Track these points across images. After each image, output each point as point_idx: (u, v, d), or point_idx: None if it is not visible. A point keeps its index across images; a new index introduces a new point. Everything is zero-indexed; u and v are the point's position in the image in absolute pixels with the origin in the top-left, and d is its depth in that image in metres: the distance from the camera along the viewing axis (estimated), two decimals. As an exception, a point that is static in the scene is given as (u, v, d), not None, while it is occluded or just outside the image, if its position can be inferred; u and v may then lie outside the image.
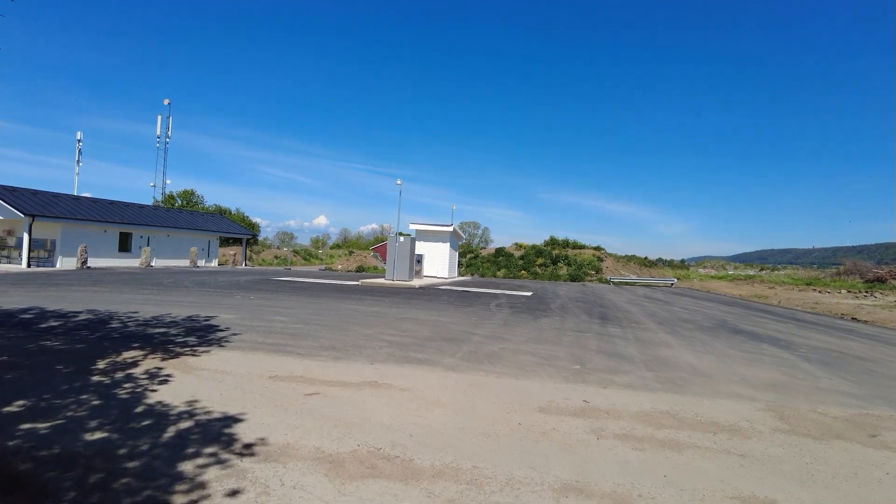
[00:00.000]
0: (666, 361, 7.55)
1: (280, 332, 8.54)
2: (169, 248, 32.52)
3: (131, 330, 8.29)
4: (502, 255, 43.62)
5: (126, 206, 31.70)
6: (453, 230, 28.39)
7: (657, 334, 10.41)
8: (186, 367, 5.98)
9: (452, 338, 8.67)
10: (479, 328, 9.99)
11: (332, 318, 10.54)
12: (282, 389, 5.19)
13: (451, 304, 14.70)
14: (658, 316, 14.13)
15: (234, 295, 14.57)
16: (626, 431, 4.40)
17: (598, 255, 42.65)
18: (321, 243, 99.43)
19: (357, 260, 46.97)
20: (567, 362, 7.11)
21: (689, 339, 9.87)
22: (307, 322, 9.75)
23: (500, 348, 7.91)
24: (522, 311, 13.75)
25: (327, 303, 13.39)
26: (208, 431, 3.98)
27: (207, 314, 10.34)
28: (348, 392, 5.18)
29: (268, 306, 12.07)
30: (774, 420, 4.89)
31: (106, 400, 4.64)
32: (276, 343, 7.55)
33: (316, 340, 7.88)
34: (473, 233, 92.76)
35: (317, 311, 11.45)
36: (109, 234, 28.26)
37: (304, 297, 14.82)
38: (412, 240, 22.24)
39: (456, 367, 6.52)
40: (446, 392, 5.34)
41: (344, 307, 12.55)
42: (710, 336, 10.55)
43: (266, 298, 13.93)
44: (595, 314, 13.74)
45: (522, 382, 5.88)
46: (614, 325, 11.46)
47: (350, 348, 7.39)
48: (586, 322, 11.86)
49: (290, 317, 10.39)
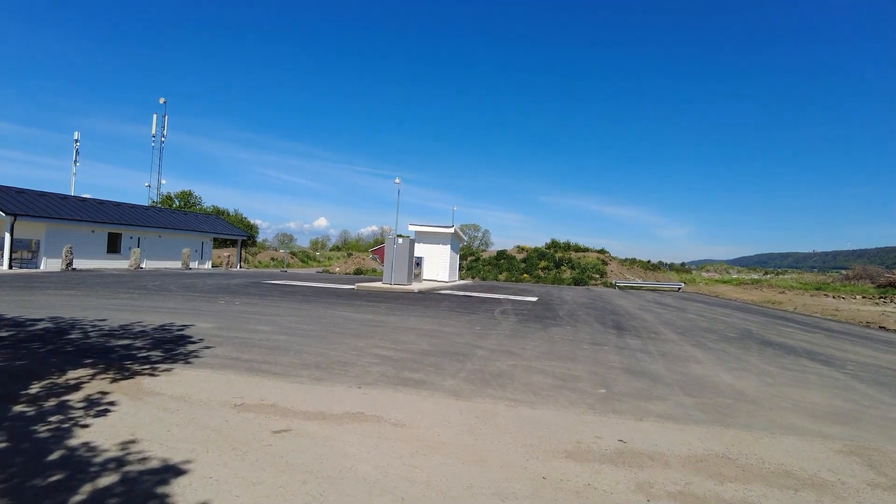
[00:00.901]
0: (701, 382, 6.55)
1: (259, 345, 7.54)
2: (160, 250, 31.51)
3: (91, 342, 7.29)
4: (504, 257, 42.61)
5: (116, 205, 30.69)
6: (454, 232, 27.35)
7: (681, 347, 9.41)
8: (138, 392, 4.98)
9: (455, 352, 7.66)
10: (484, 340, 8.99)
11: (321, 327, 9.53)
12: (246, 424, 4.20)
13: (452, 310, 13.70)
14: (676, 325, 13.12)
15: (219, 300, 13.57)
16: (680, 488, 3.39)
17: (602, 259, 41.63)
18: (321, 245, 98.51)
19: (355, 262, 45.95)
20: (589, 384, 6.11)
21: (717, 353, 8.87)
22: (292, 332, 8.74)
23: (509, 365, 6.91)
24: (530, 319, 12.75)
25: (318, 310, 12.38)
26: (134, 493, 2.98)
27: (184, 322, 9.34)
28: (327, 428, 4.18)
29: (252, 313, 11.07)
30: (864, 469, 3.89)
31: (16, 441, 3.64)
32: (252, 359, 6.55)
33: (298, 356, 6.87)
34: (474, 235, 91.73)
35: (304, 320, 10.45)
36: (97, 235, 27.25)
37: (293, 302, 13.81)
38: (411, 241, 21.22)
39: (459, 391, 5.51)
40: (448, 428, 4.33)
41: (335, 315, 11.55)
42: (740, 349, 9.55)
43: (252, 304, 12.93)
44: (608, 323, 12.74)
45: (540, 413, 4.88)
46: (632, 336, 10.46)
47: (336, 366, 6.38)
48: (601, 332, 10.85)
49: (274, 326, 9.39)
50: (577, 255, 42.35)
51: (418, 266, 24.11)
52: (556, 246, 44.98)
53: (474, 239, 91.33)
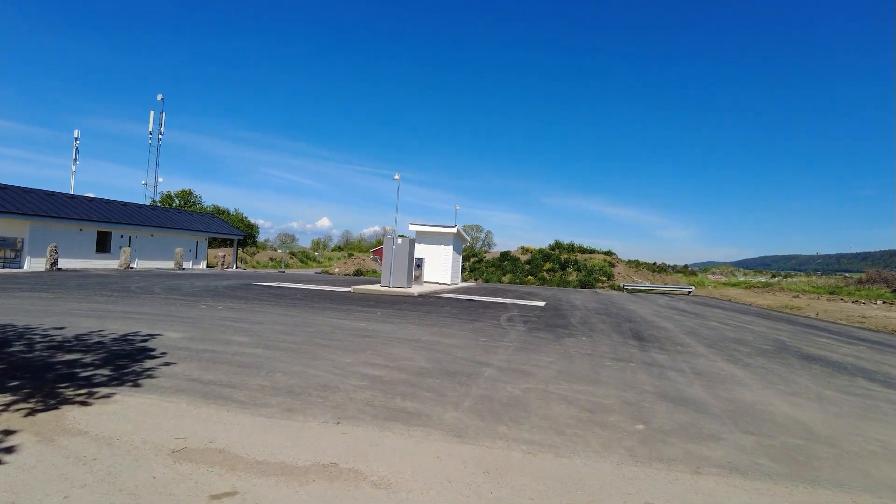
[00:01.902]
0: (755, 412, 5.42)
1: (229, 360, 6.45)
2: (153, 249, 30.48)
3: (32, 355, 6.22)
4: (508, 259, 41.46)
5: (106, 203, 29.67)
6: (457, 232, 26.18)
7: (715, 363, 8.28)
8: (54, 430, 3.90)
9: (457, 371, 6.55)
10: (490, 354, 7.87)
11: (306, 338, 8.43)
12: (177, 484, 3.09)
13: (454, 317, 12.58)
14: (700, 334, 11.97)
15: (201, 304, 12.49)
16: None
17: (609, 261, 40.43)
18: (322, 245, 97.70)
19: (355, 263, 44.90)
20: (622, 416, 4.99)
21: (758, 372, 7.73)
22: (270, 345, 7.64)
23: (522, 390, 5.79)
24: (540, 327, 11.62)
25: (306, 316, 11.27)
26: None
27: (152, 331, 8.26)
28: (286, 491, 3.07)
29: (233, 320, 9.98)
30: None
31: None
32: (215, 381, 5.45)
33: (271, 376, 5.77)
34: (476, 236, 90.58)
35: (289, 329, 9.35)
36: (85, 233, 26.22)
37: (280, 307, 12.71)
38: (411, 241, 20.09)
39: (463, 428, 4.40)
40: (448, 491, 3.22)
41: (325, 322, 10.44)
42: (781, 365, 8.41)
43: (236, 309, 11.84)
44: (626, 332, 11.60)
45: (568, 465, 3.76)
46: (657, 349, 9.33)
47: (314, 391, 5.28)
48: (621, 344, 9.72)
49: (253, 336, 8.29)
50: (584, 257, 41.17)
51: (419, 268, 22.99)
52: (560, 247, 43.79)
53: (476, 240, 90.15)
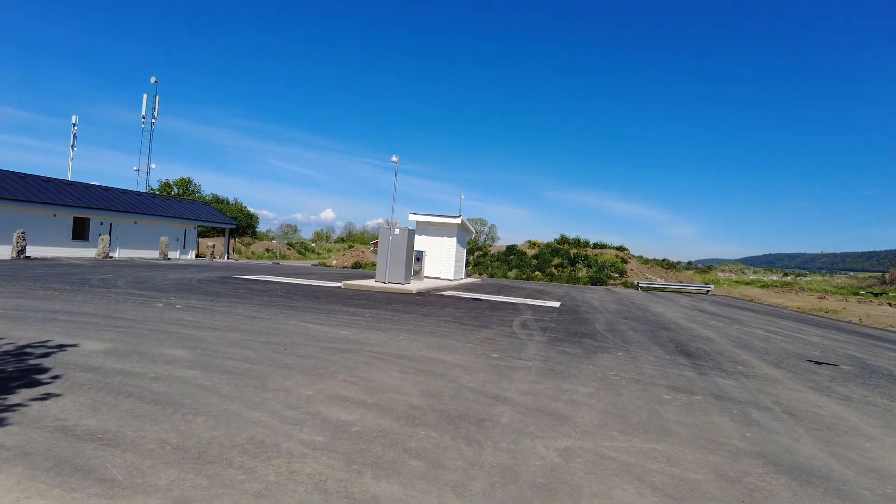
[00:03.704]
0: (933, 501, 3.43)
1: (141, 391, 4.50)
2: (136, 238, 28.57)
3: None
4: (514, 253, 39.42)
5: (86, 187, 27.73)
6: (461, 222, 24.08)
7: (799, 392, 6.29)
8: None
9: (462, 413, 4.58)
10: (506, 381, 5.90)
11: (265, 352, 6.48)
12: None
13: (458, 321, 10.61)
14: (753, 347, 9.97)
15: (158, 302, 10.55)
16: None
17: (621, 256, 38.33)
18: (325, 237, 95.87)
19: (354, 255, 42.96)
20: (738, 518, 3.01)
21: (868, 409, 5.74)
22: (213, 363, 5.68)
23: (562, 453, 3.82)
24: (561, 336, 9.64)
25: (277, 319, 9.31)
26: None
27: (67, 341, 6.33)
28: None
29: (183, 324, 8.03)
30: None
31: None
32: (95, 432, 3.51)
33: (186, 422, 3.81)
34: (479, 229, 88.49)
35: (248, 337, 7.39)
36: (60, 219, 24.30)
37: (251, 307, 10.74)
38: (410, 232, 18.06)
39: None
40: None
41: (296, 329, 8.49)
42: (885, 396, 6.42)
43: (197, 308, 9.89)
44: (666, 343, 9.61)
45: None
46: (715, 370, 7.33)
47: (239, 455, 3.31)
48: (668, 362, 7.73)
49: (197, 349, 6.34)
50: (595, 252, 39.07)
51: (419, 261, 20.99)
52: (570, 242, 41.67)
53: (480, 233, 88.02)
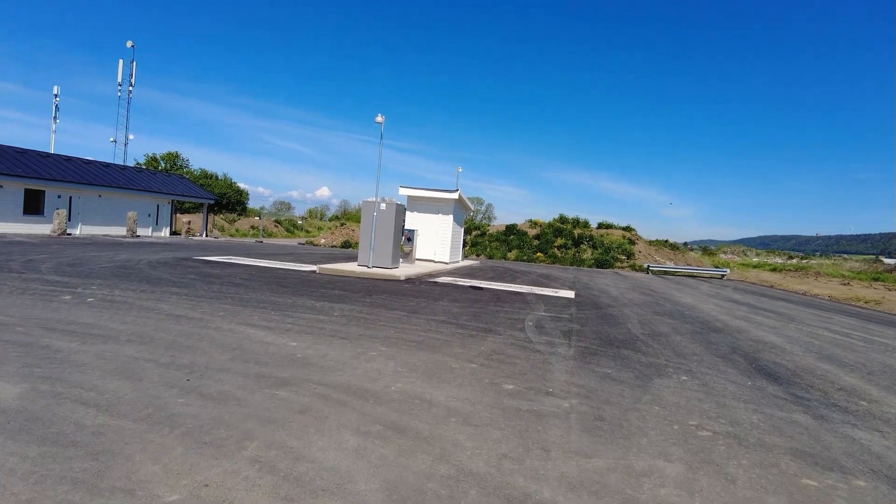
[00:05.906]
0: None
1: None
2: (101, 213, 25.95)
3: None
4: (514, 233, 37.01)
5: (44, 157, 24.98)
6: (458, 198, 21.54)
7: None
8: None
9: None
10: (537, 453, 3.55)
11: (148, 389, 4.09)
12: None
13: (454, 323, 8.23)
14: (843, 361, 7.68)
15: (66, 294, 8.12)
16: None
17: (629, 237, 36.00)
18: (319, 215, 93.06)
19: (345, 233, 40.44)
20: None
21: None
22: (35, 419, 3.29)
23: None
24: (592, 345, 7.30)
25: (207, 323, 6.86)
26: None
27: None
28: None
29: (66, 331, 5.62)
30: None
31: None
32: None
33: None
34: (477, 209, 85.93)
35: (142, 357, 4.99)
36: (9, 191, 21.65)
37: (185, 301, 8.25)
38: (399, 207, 15.55)
39: None
40: None
41: (227, 338, 6.09)
42: None
43: (108, 305, 7.47)
44: (728, 354, 7.30)
45: None
46: (829, 408, 5.03)
47: None
48: (756, 392, 5.41)
49: (43, 380, 3.94)
50: (600, 233, 36.71)
51: (410, 242, 18.56)
52: (568, 221, 39.23)
53: (477, 212, 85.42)
